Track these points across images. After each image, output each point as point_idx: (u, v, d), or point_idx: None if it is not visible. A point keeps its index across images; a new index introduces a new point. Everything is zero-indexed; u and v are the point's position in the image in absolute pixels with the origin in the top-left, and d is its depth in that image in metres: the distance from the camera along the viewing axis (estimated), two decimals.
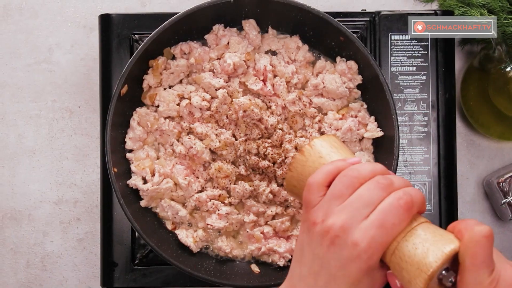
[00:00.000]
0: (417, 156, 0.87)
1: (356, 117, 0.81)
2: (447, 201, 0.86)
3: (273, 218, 0.82)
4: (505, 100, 0.86)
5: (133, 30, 0.86)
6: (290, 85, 0.82)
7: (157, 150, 0.83)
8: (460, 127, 0.94)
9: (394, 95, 0.87)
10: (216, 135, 0.80)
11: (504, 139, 0.94)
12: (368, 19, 0.87)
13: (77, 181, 0.95)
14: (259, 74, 0.81)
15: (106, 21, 0.87)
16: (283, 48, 0.83)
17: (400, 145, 0.76)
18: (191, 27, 0.80)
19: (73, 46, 0.96)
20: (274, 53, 0.84)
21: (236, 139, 0.80)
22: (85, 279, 0.95)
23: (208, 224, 0.80)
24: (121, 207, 0.76)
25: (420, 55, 0.87)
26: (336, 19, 0.77)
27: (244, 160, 0.80)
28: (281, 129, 0.81)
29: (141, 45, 0.77)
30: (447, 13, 0.88)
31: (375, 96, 0.79)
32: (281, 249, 0.80)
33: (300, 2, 0.77)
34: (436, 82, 0.87)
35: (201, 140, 0.81)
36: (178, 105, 0.81)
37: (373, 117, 0.81)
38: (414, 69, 0.87)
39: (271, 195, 0.80)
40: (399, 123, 0.76)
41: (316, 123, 0.81)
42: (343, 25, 0.76)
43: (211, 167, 0.81)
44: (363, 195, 0.50)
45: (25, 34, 0.96)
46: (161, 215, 0.82)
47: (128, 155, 0.82)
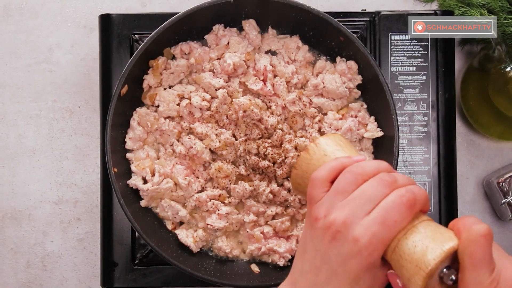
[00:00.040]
0: (417, 156, 0.87)
1: (356, 117, 0.81)
2: (447, 201, 0.86)
3: (273, 218, 0.82)
4: (505, 100, 0.86)
5: (133, 30, 0.86)
6: (290, 85, 0.82)
7: (157, 150, 0.83)
8: (460, 127, 0.94)
9: (394, 95, 0.87)
10: (216, 135, 0.80)
11: (504, 139, 0.94)
12: (368, 19, 0.87)
13: (77, 181, 0.95)
14: (259, 74, 0.81)
15: (106, 21, 0.87)
16: (283, 48, 0.83)
17: (400, 145, 0.76)
18: (191, 27, 0.80)
19: (73, 46, 0.96)
20: (274, 53, 0.84)
21: (236, 139, 0.80)
22: (85, 279, 0.95)
23: (208, 224, 0.80)
24: (121, 207, 0.76)
25: (420, 55, 0.87)
26: (336, 19, 0.77)
27: (244, 160, 0.80)
28: (281, 129, 0.81)
29: (141, 45, 0.77)
30: (447, 13, 0.88)
31: (375, 96, 0.79)
32: (281, 249, 0.80)
33: (300, 2, 0.77)
34: (436, 82, 0.87)
35: (201, 140, 0.81)
36: (178, 105, 0.81)
37: (373, 117, 0.81)
38: (414, 69, 0.87)
39: (271, 195, 0.80)
40: (399, 123, 0.76)
41: (316, 123, 0.81)
42: (343, 25, 0.76)
43: (211, 167, 0.81)
44: (366, 191, 0.50)
45: (26, 34, 0.96)
46: (161, 215, 0.82)
47: (128, 155, 0.82)
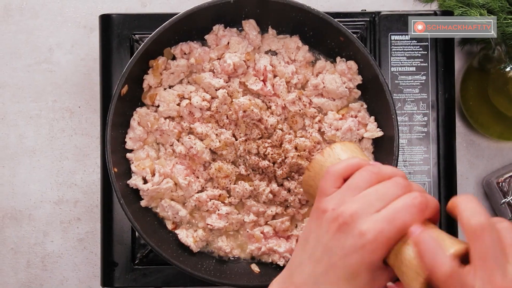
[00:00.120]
0: (416, 156, 0.87)
1: (356, 117, 0.82)
2: (446, 201, 0.84)
3: (273, 218, 0.82)
4: (505, 100, 0.86)
5: (134, 30, 0.86)
6: (290, 85, 0.82)
7: (157, 150, 0.83)
8: (460, 127, 0.94)
9: (394, 95, 0.87)
10: (216, 135, 0.80)
11: (504, 139, 0.94)
12: (368, 19, 0.87)
13: (77, 181, 0.95)
14: (259, 74, 0.81)
15: (106, 21, 0.87)
16: (283, 48, 0.83)
17: (400, 145, 0.76)
18: (191, 27, 0.80)
19: (73, 46, 0.96)
20: (274, 53, 0.84)
21: (236, 139, 0.81)
22: (86, 279, 0.95)
23: (208, 224, 0.80)
24: (121, 207, 0.76)
25: (419, 55, 0.87)
26: (336, 19, 0.77)
27: (244, 160, 0.81)
28: (281, 129, 0.81)
29: (142, 45, 0.77)
30: (446, 13, 0.88)
31: (375, 96, 0.79)
32: (281, 249, 0.80)
33: (300, 2, 0.77)
34: (436, 82, 0.87)
35: (201, 140, 0.81)
36: (178, 105, 0.81)
37: (373, 117, 0.81)
38: (414, 69, 0.87)
39: (271, 195, 0.80)
40: (399, 123, 0.76)
41: (316, 123, 0.81)
42: (343, 25, 0.76)
43: (211, 167, 0.81)
44: (379, 189, 0.50)
45: (26, 34, 0.96)
46: (161, 215, 0.82)
47: (128, 155, 0.82)
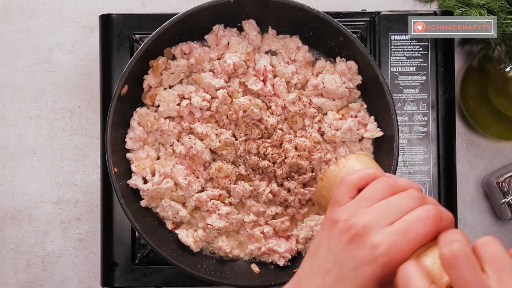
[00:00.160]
0: (416, 156, 0.87)
1: (356, 117, 0.82)
2: (446, 201, 0.86)
3: (273, 218, 0.82)
4: (505, 100, 0.86)
5: (134, 30, 0.86)
6: (290, 85, 0.82)
7: (157, 150, 0.83)
8: (460, 127, 0.94)
9: (394, 95, 0.87)
10: (216, 135, 0.80)
11: (504, 139, 0.94)
12: (368, 19, 0.87)
13: (77, 181, 0.95)
14: (259, 74, 0.81)
15: (106, 21, 0.87)
16: (283, 48, 0.83)
17: (400, 145, 0.76)
18: (191, 27, 0.80)
19: (73, 46, 0.96)
20: (274, 53, 0.84)
21: (236, 139, 0.81)
22: (86, 278, 0.95)
23: (208, 224, 0.80)
24: (121, 207, 0.76)
25: (419, 55, 0.87)
26: (336, 19, 0.77)
27: (244, 160, 0.81)
28: (281, 129, 0.81)
29: (142, 45, 0.77)
30: (446, 13, 0.88)
31: (375, 96, 0.79)
32: (281, 249, 0.80)
33: (300, 2, 0.77)
34: (436, 82, 0.87)
35: (201, 140, 0.81)
36: (179, 105, 0.81)
37: (373, 117, 0.81)
38: (413, 69, 0.87)
39: (271, 195, 0.80)
40: (398, 123, 0.76)
41: (316, 123, 0.81)
42: (343, 25, 0.76)
43: (211, 167, 0.81)
44: (393, 201, 0.49)
45: (26, 34, 0.96)
46: (161, 215, 0.82)
47: (128, 155, 0.82)
